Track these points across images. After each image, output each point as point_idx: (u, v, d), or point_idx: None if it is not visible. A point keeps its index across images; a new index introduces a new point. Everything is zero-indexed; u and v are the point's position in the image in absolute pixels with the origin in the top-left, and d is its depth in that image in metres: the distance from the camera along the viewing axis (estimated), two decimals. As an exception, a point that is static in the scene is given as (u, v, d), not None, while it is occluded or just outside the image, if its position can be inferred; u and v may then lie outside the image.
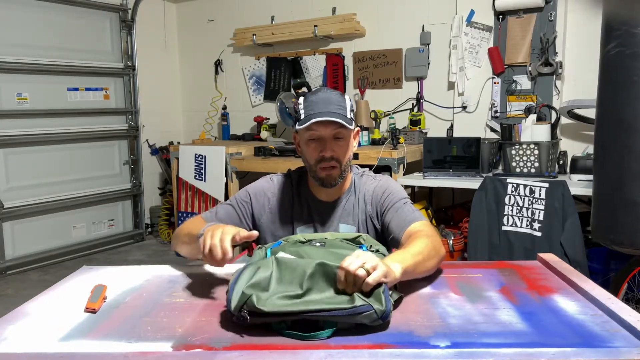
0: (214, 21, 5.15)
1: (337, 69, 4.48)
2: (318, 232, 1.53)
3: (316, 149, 1.46)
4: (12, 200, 4.14)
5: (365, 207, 1.54)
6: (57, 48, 4.39)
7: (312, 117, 1.41)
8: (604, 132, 1.55)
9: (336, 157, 1.45)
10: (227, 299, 0.97)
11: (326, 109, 1.42)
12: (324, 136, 1.44)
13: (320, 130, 1.43)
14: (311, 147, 1.47)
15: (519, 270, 1.32)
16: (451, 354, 0.86)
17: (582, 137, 3.50)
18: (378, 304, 0.94)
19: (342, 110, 1.44)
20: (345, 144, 1.47)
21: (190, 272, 1.35)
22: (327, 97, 1.45)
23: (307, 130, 1.44)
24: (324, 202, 1.56)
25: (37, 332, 0.98)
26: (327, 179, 1.48)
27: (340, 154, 1.46)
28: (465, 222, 3.20)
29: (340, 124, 1.42)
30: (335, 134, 1.44)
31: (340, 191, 1.55)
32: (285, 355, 0.86)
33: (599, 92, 1.56)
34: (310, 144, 1.46)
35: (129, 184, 5.02)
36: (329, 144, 1.45)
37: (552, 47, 3.50)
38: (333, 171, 1.46)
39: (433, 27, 4.04)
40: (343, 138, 1.46)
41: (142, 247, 4.93)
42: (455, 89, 3.90)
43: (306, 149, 1.49)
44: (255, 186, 1.59)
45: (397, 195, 1.50)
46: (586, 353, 0.86)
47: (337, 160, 1.46)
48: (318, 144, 1.45)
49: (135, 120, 4.97)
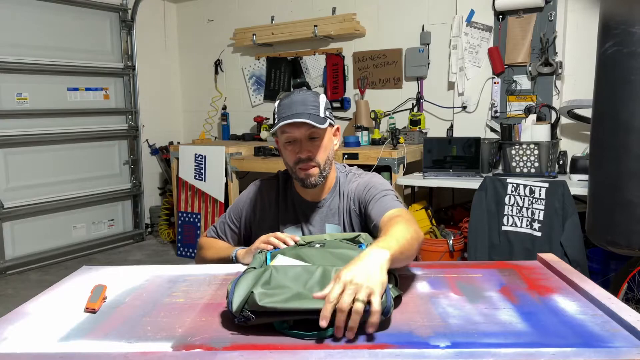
0: (214, 21, 5.15)
1: (337, 69, 4.48)
2: (305, 233, 1.54)
3: (293, 151, 1.47)
4: (12, 200, 4.14)
5: (350, 205, 1.54)
6: (57, 48, 4.39)
7: (281, 120, 1.42)
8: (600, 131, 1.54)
9: (313, 157, 1.46)
10: (228, 301, 0.97)
11: (297, 110, 1.42)
12: (298, 138, 1.45)
13: (294, 132, 1.44)
14: (288, 149, 1.48)
15: (519, 270, 1.32)
16: (451, 354, 0.86)
17: (582, 137, 3.50)
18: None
19: (314, 110, 1.43)
20: (321, 142, 1.47)
21: (190, 272, 1.35)
22: (299, 99, 1.44)
23: (282, 133, 1.45)
24: (309, 202, 1.57)
25: (37, 332, 0.98)
26: (307, 179, 1.48)
27: (317, 153, 1.46)
28: (465, 222, 3.20)
29: (311, 125, 1.41)
30: (310, 134, 1.44)
31: (324, 191, 1.56)
32: (285, 355, 0.86)
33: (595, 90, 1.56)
34: (287, 146, 1.48)
35: (129, 184, 5.02)
36: (304, 145, 1.45)
37: (552, 47, 3.50)
38: (312, 170, 1.47)
39: (433, 27, 4.04)
40: (318, 137, 1.46)
41: (142, 247, 4.93)
42: (455, 89, 3.90)
43: (284, 152, 1.50)
44: (243, 196, 1.66)
45: (378, 188, 1.48)
46: (586, 353, 0.86)
47: (314, 160, 1.46)
48: (294, 145, 1.46)
49: (135, 120, 4.97)
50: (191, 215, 4.33)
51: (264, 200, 1.61)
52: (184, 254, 4.42)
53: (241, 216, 1.63)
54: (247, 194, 1.65)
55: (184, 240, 4.41)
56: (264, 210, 1.60)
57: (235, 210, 1.65)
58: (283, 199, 1.59)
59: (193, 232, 4.34)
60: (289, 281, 0.99)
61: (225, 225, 1.66)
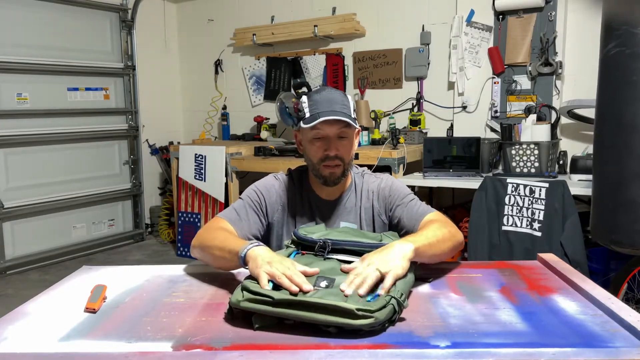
0: (214, 21, 5.15)
1: (337, 69, 4.48)
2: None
3: (320, 148, 1.47)
4: (12, 200, 4.14)
5: (371, 204, 1.56)
6: (57, 48, 4.39)
7: (318, 117, 1.42)
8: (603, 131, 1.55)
9: (340, 155, 1.47)
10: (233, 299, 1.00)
11: (331, 108, 1.43)
12: (328, 135, 1.46)
13: (326, 130, 1.45)
14: (315, 145, 1.48)
15: (519, 270, 1.32)
16: (451, 354, 0.86)
17: (582, 137, 3.50)
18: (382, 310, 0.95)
19: (346, 110, 1.46)
20: (348, 143, 1.49)
21: (190, 272, 1.35)
22: (331, 97, 1.46)
23: (312, 129, 1.45)
24: (325, 200, 1.57)
25: (37, 332, 0.98)
26: (330, 177, 1.49)
27: (344, 152, 1.48)
28: (465, 222, 3.20)
29: (345, 123, 1.44)
30: (340, 133, 1.46)
31: (341, 189, 1.57)
32: (285, 355, 0.86)
33: (598, 91, 1.56)
34: (315, 142, 1.48)
35: (129, 184, 5.02)
36: (333, 143, 1.46)
37: (552, 47, 3.50)
38: (336, 169, 1.48)
39: (433, 27, 4.04)
40: (347, 137, 1.48)
41: (142, 247, 4.93)
42: (455, 89, 3.90)
43: (310, 147, 1.50)
44: (264, 184, 1.58)
45: (403, 191, 1.54)
46: (586, 353, 0.86)
47: (341, 159, 1.47)
48: (322, 142, 1.47)
49: (135, 120, 4.97)
50: (191, 215, 4.33)
51: (285, 194, 1.58)
52: (184, 254, 4.42)
53: (262, 202, 1.54)
54: (270, 184, 1.58)
55: (184, 240, 4.41)
56: (286, 204, 1.57)
57: (253, 196, 1.55)
58: (299, 195, 1.58)
59: (193, 232, 4.29)
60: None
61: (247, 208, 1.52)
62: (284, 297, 0.96)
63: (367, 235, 1.31)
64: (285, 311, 0.95)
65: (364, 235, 1.30)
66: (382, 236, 1.29)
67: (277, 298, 0.96)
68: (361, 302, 0.95)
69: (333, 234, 1.27)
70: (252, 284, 1.02)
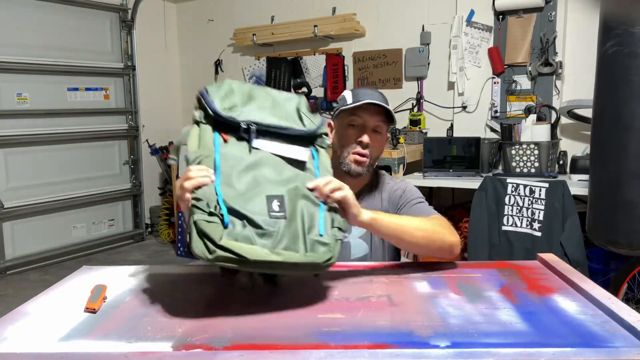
0: (214, 21, 5.16)
1: (337, 69, 4.48)
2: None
3: (354, 135, 1.48)
4: (12, 200, 4.14)
5: (382, 204, 1.56)
6: (57, 48, 4.39)
7: (361, 100, 1.45)
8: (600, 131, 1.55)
9: (371, 146, 1.48)
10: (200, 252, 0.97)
11: (376, 99, 1.46)
12: (366, 124, 1.47)
13: (365, 117, 1.47)
14: (350, 131, 1.49)
15: (519, 270, 1.32)
16: (451, 354, 0.86)
17: (582, 137, 3.50)
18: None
19: (387, 105, 1.48)
20: (382, 139, 1.52)
21: (190, 272, 1.35)
22: (374, 92, 1.50)
23: (351, 115, 1.47)
24: None
25: (37, 332, 0.98)
26: (355, 168, 1.49)
27: (374, 146, 1.49)
28: (465, 222, 3.20)
29: (385, 115, 1.47)
30: (376, 126, 1.48)
31: (359, 185, 1.56)
32: (285, 355, 0.86)
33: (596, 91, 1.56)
34: (349, 128, 1.49)
35: (129, 184, 5.02)
36: (368, 133, 1.47)
37: (552, 47, 3.51)
38: (363, 160, 1.49)
39: (433, 27, 4.04)
40: (381, 133, 1.50)
41: (142, 247, 4.93)
42: (455, 89, 3.90)
43: (344, 133, 1.50)
44: None
45: (414, 195, 1.54)
46: (586, 353, 0.86)
47: (370, 151, 1.49)
48: (357, 130, 1.48)
49: (135, 120, 4.97)
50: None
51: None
52: (184, 254, 4.42)
53: None
54: None
55: (184, 240, 4.41)
56: None
57: None
58: None
59: (193, 232, 4.33)
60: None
61: None
62: (257, 259, 0.97)
63: (288, 114, 1.19)
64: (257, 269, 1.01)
65: (285, 115, 1.18)
66: (304, 119, 1.20)
67: (252, 259, 0.96)
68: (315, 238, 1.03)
69: (253, 111, 1.14)
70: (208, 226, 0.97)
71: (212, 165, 1.07)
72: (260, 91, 1.21)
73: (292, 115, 1.19)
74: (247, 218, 1.00)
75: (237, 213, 1.00)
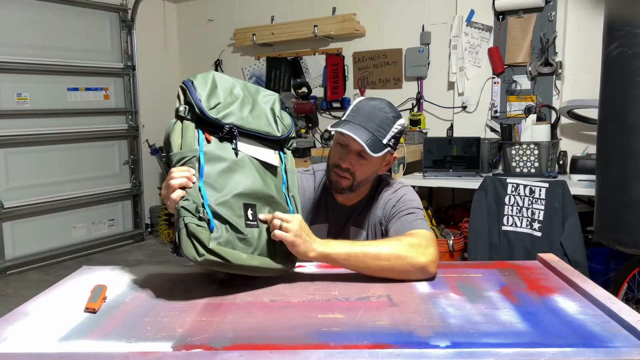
0: (214, 21, 5.15)
1: (337, 69, 4.48)
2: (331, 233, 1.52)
3: (337, 154, 1.43)
4: (12, 200, 4.14)
5: (376, 216, 1.51)
6: (57, 48, 4.39)
7: (343, 124, 1.37)
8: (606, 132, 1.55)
9: (352, 170, 1.41)
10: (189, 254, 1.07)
11: (363, 123, 1.37)
12: (350, 147, 1.40)
13: (349, 141, 1.38)
14: (336, 149, 1.45)
15: (519, 270, 1.32)
16: (451, 354, 0.86)
17: (582, 137, 3.50)
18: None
19: (380, 133, 1.37)
20: (367, 164, 1.41)
21: (190, 272, 1.35)
22: (374, 113, 1.39)
23: (339, 133, 1.39)
24: (340, 204, 1.53)
25: (37, 332, 0.98)
26: (335, 185, 1.46)
27: (357, 170, 1.41)
28: (465, 222, 3.20)
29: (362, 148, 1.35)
30: (361, 151, 1.37)
31: (358, 198, 1.53)
32: (285, 355, 0.86)
33: (601, 92, 1.56)
34: (337, 146, 1.44)
35: (129, 184, 5.02)
36: (350, 157, 1.40)
37: (552, 47, 3.51)
38: (343, 181, 1.43)
39: (433, 27, 4.04)
40: (367, 159, 1.39)
41: (142, 247, 4.93)
42: (455, 89, 3.90)
43: (332, 148, 1.48)
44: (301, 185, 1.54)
45: (406, 204, 1.46)
46: (586, 353, 0.86)
47: (352, 174, 1.42)
48: (342, 150, 1.42)
49: (135, 120, 4.97)
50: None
51: (311, 190, 1.57)
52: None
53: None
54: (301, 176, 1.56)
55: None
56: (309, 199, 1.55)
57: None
58: (317, 196, 1.56)
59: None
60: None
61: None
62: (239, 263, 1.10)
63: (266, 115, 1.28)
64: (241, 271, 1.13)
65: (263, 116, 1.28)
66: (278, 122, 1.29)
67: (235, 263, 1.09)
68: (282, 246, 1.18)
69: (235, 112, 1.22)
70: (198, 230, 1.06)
71: (196, 166, 1.13)
72: (240, 89, 1.32)
73: (269, 117, 1.29)
74: (229, 223, 1.10)
75: (221, 218, 1.09)
